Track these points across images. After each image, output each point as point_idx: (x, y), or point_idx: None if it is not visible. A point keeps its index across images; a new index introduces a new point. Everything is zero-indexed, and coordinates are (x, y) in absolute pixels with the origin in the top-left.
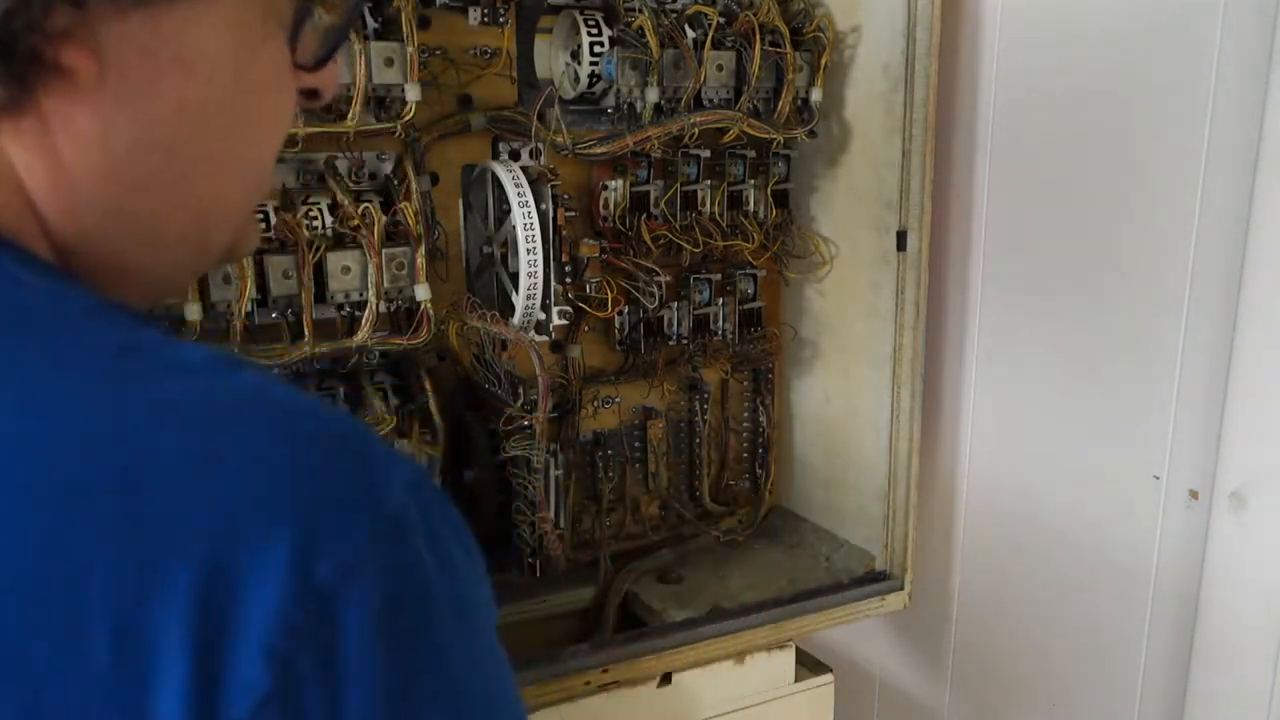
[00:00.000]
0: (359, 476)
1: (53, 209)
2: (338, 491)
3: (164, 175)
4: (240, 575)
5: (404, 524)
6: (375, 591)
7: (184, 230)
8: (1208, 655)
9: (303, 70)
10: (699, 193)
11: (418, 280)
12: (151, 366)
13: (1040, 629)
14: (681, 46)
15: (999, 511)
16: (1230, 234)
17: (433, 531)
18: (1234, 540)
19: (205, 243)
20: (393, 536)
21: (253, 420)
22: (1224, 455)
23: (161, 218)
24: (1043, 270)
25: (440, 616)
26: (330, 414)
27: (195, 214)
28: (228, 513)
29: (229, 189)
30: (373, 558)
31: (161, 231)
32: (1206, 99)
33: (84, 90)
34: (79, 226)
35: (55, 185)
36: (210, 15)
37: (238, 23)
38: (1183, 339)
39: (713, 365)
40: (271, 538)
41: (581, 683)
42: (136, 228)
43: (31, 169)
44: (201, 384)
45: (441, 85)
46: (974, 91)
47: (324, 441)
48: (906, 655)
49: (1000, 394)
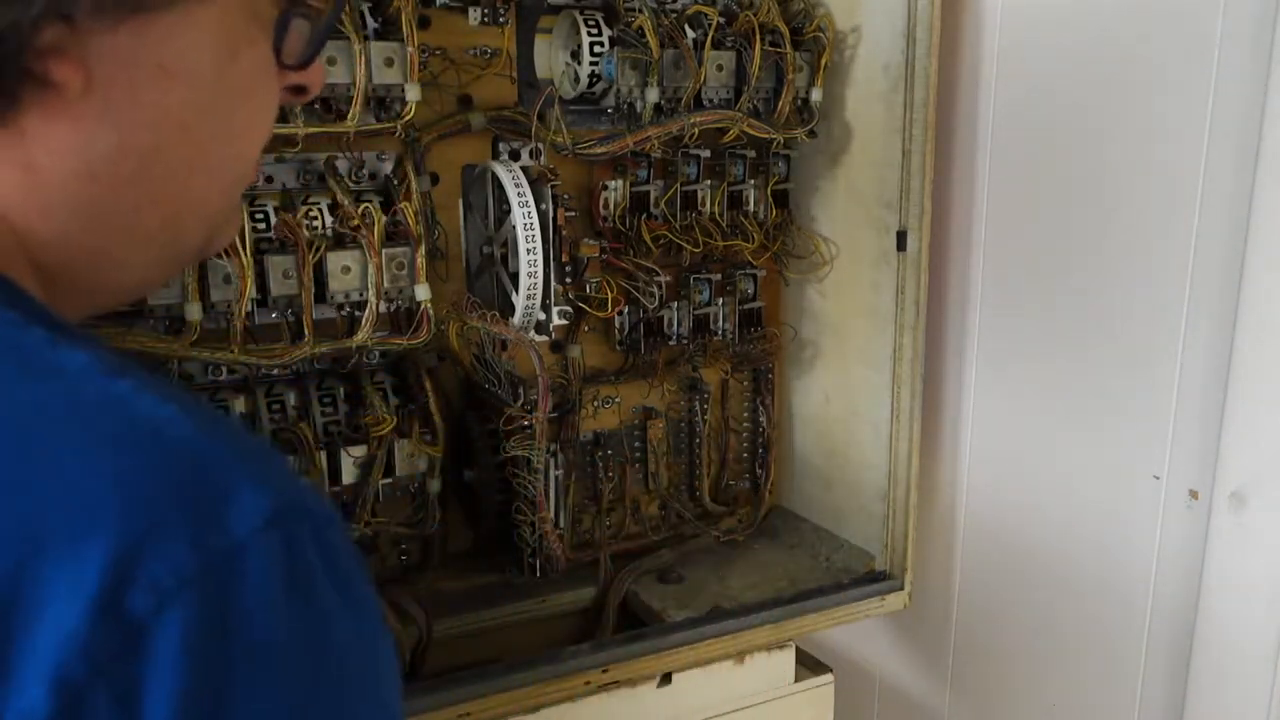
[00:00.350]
0: (197, 498)
1: (24, 212)
2: (166, 513)
3: (141, 177)
4: (38, 590)
5: (244, 554)
6: (193, 626)
7: (159, 227)
8: (1207, 655)
9: (288, 69)
10: (699, 193)
11: (418, 280)
12: (22, 369)
13: (1040, 629)
14: (681, 46)
15: (999, 511)
16: (1230, 234)
17: (296, 569)
18: (1234, 540)
19: (180, 239)
20: (224, 567)
21: (96, 428)
22: (1224, 455)
23: (137, 215)
24: (1043, 270)
25: (275, 659)
26: (194, 432)
27: (171, 212)
28: (37, 522)
29: (205, 188)
30: (195, 587)
31: (137, 229)
32: (1206, 99)
33: (69, 102)
34: (52, 227)
35: (27, 191)
36: (194, 23)
37: (220, 28)
38: (1182, 339)
39: (713, 365)
40: (81, 553)
41: (581, 683)
42: (112, 226)
43: (7, 183)
44: (65, 388)
45: (441, 85)
46: (974, 91)
47: (168, 458)
48: (906, 655)
49: (1000, 394)
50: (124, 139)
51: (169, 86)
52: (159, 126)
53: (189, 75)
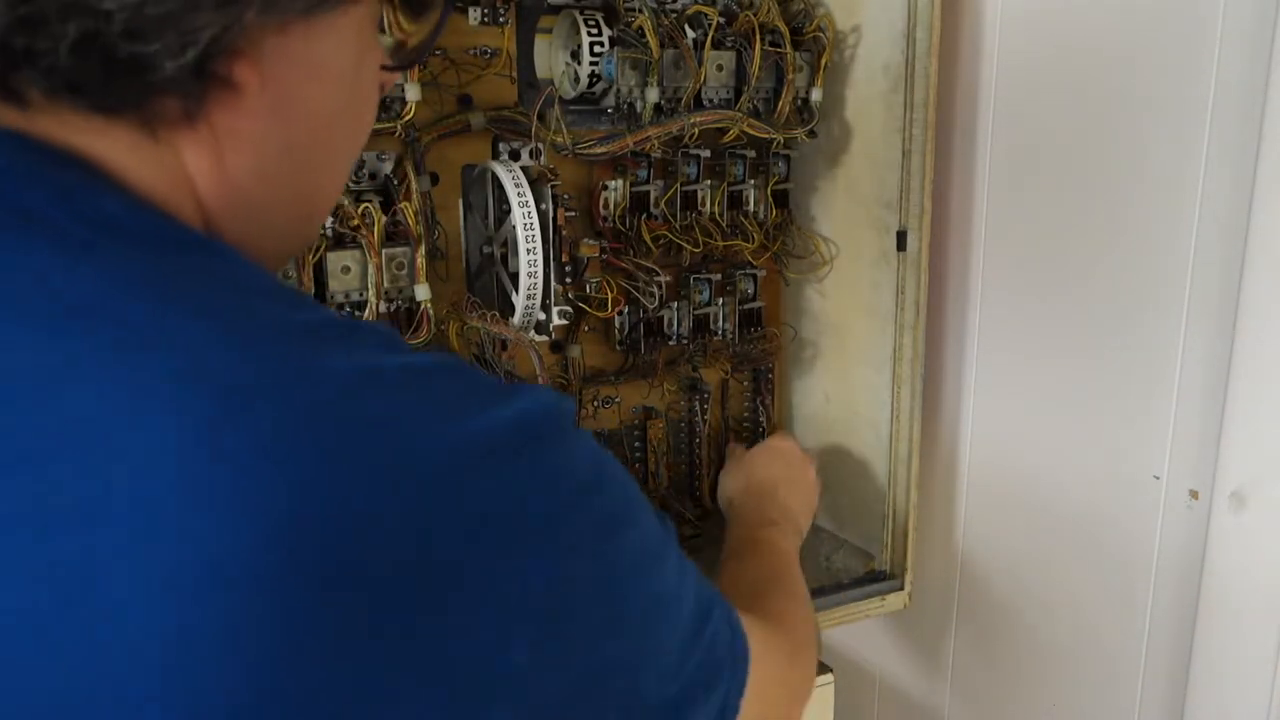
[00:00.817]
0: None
1: (214, 206)
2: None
3: (292, 173)
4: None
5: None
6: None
7: (296, 221)
8: (1208, 655)
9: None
10: (699, 193)
11: (418, 280)
12: (335, 342)
13: (1040, 629)
14: (681, 46)
15: (999, 511)
16: (1230, 234)
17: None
18: (1234, 540)
19: (309, 229)
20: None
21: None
22: (1224, 455)
23: (281, 209)
24: (1043, 270)
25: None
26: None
27: (308, 206)
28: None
29: (334, 185)
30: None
31: (278, 221)
32: (1206, 99)
33: (246, 100)
34: (227, 221)
35: (218, 185)
36: (342, 25)
37: (359, 31)
38: (1183, 339)
39: (713, 365)
40: None
41: None
42: (262, 218)
43: (201, 172)
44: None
45: (441, 85)
46: (974, 91)
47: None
48: (906, 655)
49: (1000, 394)
50: (289, 137)
51: (322, 86)
52: (309, 126)
53: (337, 75)
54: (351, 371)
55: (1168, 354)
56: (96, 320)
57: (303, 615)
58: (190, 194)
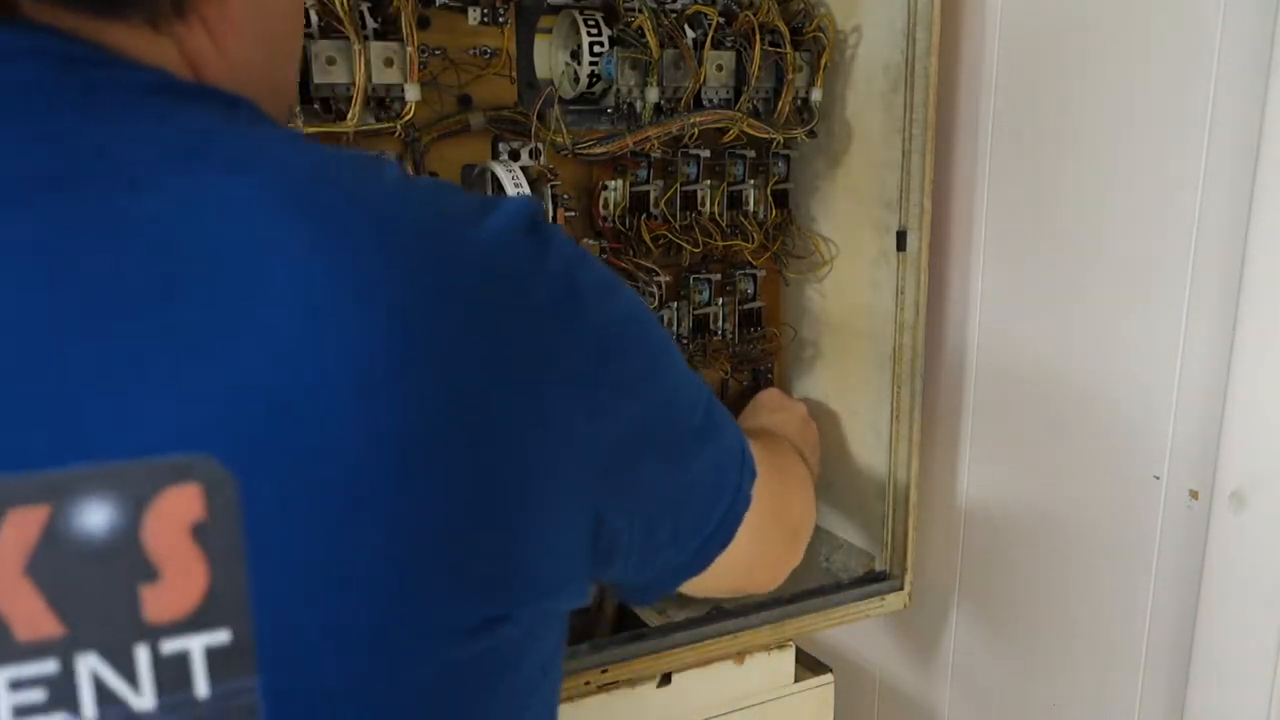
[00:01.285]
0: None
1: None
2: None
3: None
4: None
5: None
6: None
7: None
8: (1208, 655)
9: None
10: (699, 193)
11: None
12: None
13: (1040, 629)
14: (681, 46)
15: (999, 511)
16: (1230, 234)
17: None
18: (1234, 540)
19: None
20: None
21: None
22: (1224, 455)
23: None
24: (1042, 270)
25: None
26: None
27: (287, 97)
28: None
29: (295, 78)
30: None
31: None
32: (1206, 99)
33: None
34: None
35: (221, 71)
36: None
37: None
38: (1183, 339)
39: (713, 365)
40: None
41: (581, 683)
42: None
43: (204, 59)
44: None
45: (441, 85)
46: (974, 91)
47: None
48: (906, 655)
49: (1000, 394)
50: (269, 27)
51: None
52: (285, 15)
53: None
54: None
55: (1167, 354)
56: (219, 158)
57: (450, 368)
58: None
